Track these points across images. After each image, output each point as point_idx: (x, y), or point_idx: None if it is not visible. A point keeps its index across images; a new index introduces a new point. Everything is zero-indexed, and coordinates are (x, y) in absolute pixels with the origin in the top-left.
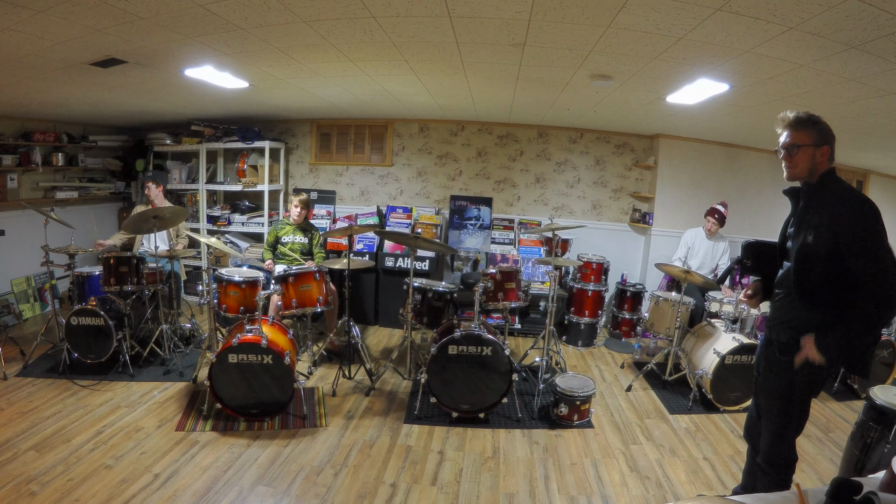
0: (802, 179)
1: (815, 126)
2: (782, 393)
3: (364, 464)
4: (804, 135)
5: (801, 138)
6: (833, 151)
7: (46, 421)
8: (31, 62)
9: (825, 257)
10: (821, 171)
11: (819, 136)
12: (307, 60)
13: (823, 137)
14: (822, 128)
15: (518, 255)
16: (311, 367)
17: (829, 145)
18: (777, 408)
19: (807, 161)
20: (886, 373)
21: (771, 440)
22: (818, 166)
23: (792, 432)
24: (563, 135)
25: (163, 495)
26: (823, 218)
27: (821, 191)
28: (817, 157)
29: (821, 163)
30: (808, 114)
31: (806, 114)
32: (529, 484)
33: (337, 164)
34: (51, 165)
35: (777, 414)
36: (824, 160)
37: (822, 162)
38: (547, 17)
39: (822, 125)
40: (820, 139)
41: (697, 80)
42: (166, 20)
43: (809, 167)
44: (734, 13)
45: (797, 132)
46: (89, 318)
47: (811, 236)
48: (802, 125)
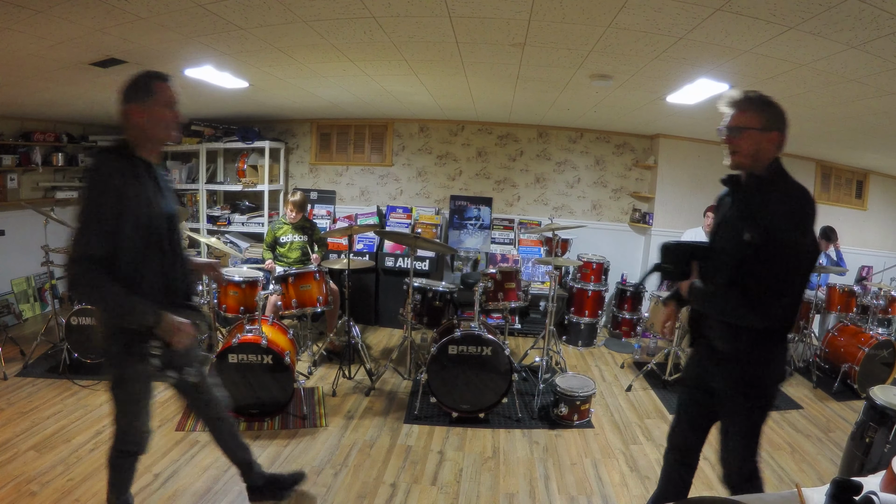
0: (746, 168)
1: (765, 108)
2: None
3: (364, 464)
4: (750, 116)
5: (747, 120)
6: (783, 140)
7: (46, 421)
8: (31, 62)
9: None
10: (766, 160)
11: (767, 120)
12: (307, 60)
13: (773, 122)
14: (773, 111)
15: (518, 255)
16: (311, 367)
17: (780, 132)
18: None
19: (751, 146)
20: (886, 373)
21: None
22: (763, 153)
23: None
24: (563, 135)
25: (163, 495)
26: (766, 217)
27: (768, 186)
28: (763, 143)
29: (767, 150)
30: (758, 93)
31: (756, 93)
32: (529, 484)
33: (337, 164)
34: (51, 165)
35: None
36: (771, 147)
37: (769, 149)
38: (547, 17)
39: (773, 108)
40: (768, 123)
41: (697, 80)
42: (166, 20)
43: (753, 153)
44: (734, 13)
45: (743, 113)
46: (89, 318)
47: (749, 234)
48: (749, 105)
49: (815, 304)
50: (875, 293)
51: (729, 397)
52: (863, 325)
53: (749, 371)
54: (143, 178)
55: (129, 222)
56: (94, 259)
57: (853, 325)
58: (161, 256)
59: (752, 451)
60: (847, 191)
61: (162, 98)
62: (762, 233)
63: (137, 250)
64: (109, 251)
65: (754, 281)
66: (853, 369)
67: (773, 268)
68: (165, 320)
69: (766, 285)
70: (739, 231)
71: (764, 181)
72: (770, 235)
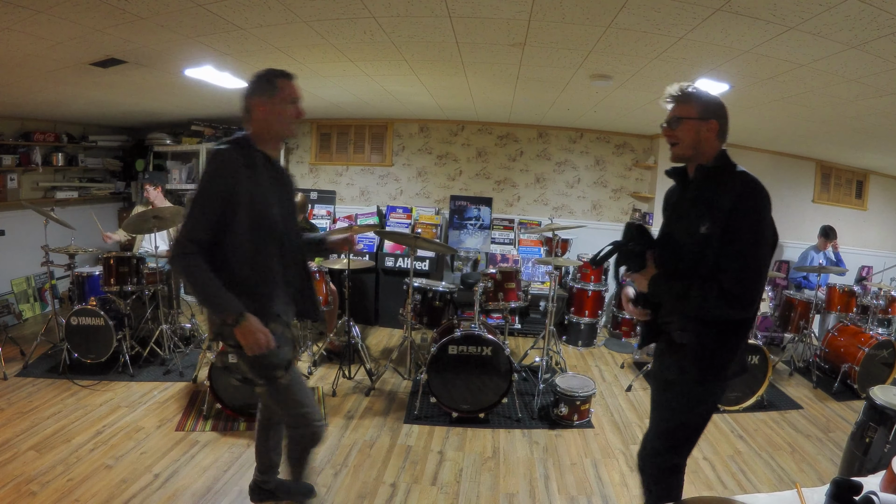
0: (689, 159)
1: (701, 98)
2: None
3: (364, 464)
4: (687, 107)
5: (684, 110)
6: (724, 129)
7: (46, 421)
8: (31, 62)
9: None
10: (709, 150)
11: (704, 109)
12: (307, 60)
13: (710, 110)
14: (710, 101)
15: (518, 255)
16: (311, 367)
17: (718, 120)
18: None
19: (690, 135)
20: (886, 373)
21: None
22: (704, 142)
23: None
24: (563, 135)
25: (163, 495)
26: (722, 207)
27: (718, 175)
28: (702, 132)
29: (707, 139)
30: (695, 86)
31: (693, 86)
32: (529, 484)
33: (337, 164)
34: (51, 165)
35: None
36: (712, 136)
37: (710, 138)
38: (547, 17)
39: (709, 98)
40: (705, 112)
41: (697, 80)
42: (166, 20)
43: (693, 143)
44: (734, 13)
45: (680, 105)
46: (89, 318)
47: (706, 226)
48: (686, 97)
49: (815, 304)
50: (875, 293)
51: (681, 384)
52: (863, 325)
53: (710, 362)
54: (262, 172)
55: (240, 213)
56: (195, 242)
57: (853, 325)
58: (274, 252)
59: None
60: (847, 191)
61: (285, 94)
62: (720, 224)
63: (248, 242)
64: (213, 238)
65: (726, 273)
66: (853, 369)
67: (742, 258)
68: (244, 323)
69: (739, 276)
70: (695, 224)
71: (712, 171)
72: (731, 226)
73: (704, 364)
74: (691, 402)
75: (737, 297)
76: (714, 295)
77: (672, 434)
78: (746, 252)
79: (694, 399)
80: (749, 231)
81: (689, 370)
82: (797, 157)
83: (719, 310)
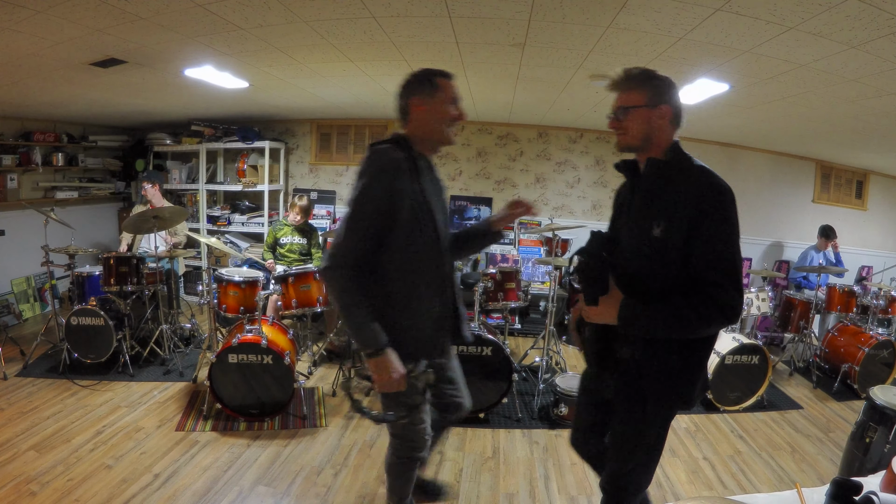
0: (639, 149)
1: (648, 82)
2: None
3: (364, 464)
4: (635, 94)
5: (631, 98)
6: (677, 115)
7: (46, 421)
8: (31, 62)
9: (676, 253)
10: (662, 139)
11: (653, 94)
12: (307, 60)
13: (660, 95)
14: (658, 83)
15: (518, 255)
16: (311, 367)
17: (669, 104)
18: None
19: (640, 125)
20: (886, 373)
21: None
22: (656, 132)
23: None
24: (563, 135)
25: (163, 495)
26: (678, 207)
27: (671, 170)
28: (654, 121)
29: (659, 127)
30: (641, 69)
31: (639, 69)
32: (529, 484)
33: (337, 164)
34: (51, 165)
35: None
36: (664, 124)
37: (662, 126)
38: (547, 17)
39: (657, 80)
40: (654, 97)
41: (697, 80)
42: (166, 20)
43: (643, 133)
44: (734, 13)
45: (626, 93)
46: (89, 318)
47: (660, 228)
48: (633, 83)
49: (815, 304)
50: (875, 293)
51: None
52: (863, 325)
53: (674, 383)
54: (422, 175)
55: (402, 223)
56: (350, 265)
57: (853, 325)
58: (434, 271)
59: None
60: (847, 191)
61: (445, 94)
62: (679, 229)
63: (409, 257)
64: (373, 248)
65: (719, 288)
66: (853, 369)
67: (731, 267)
68: (378, 358)
69: (732, 288)
70: (646, 225)
71: (665, 166)
72: (706, 234)
73: (669, 386)
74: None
75: (734, 309)
76: (714, 311)
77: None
78: (731, 259)
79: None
80: (727, 239)
81: (652, 393)
82: (797, 157)
83: (718, 326)
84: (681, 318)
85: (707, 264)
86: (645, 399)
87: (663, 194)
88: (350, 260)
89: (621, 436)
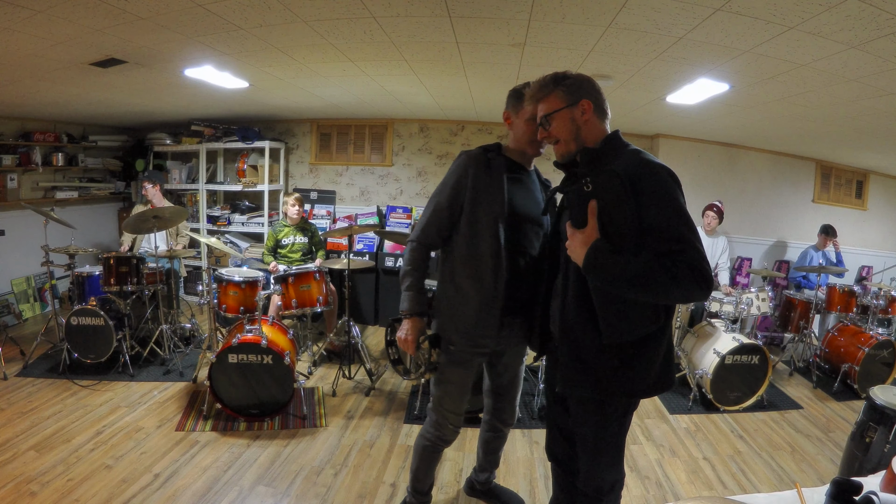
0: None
1: (561, 83)
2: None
3: (364, 464)
4: (552, 98)
5: (549, 104)
6: (600, 106)
7: (46, 421)
8: (31, 62)
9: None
10: (592, 133)
11: (569, 93)
12: (307, 60)
13: (575, 92)
14: (571, 82)
15: None
16: (311, 367)
17: (590, 98)
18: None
19: (566, 126)
20: (886, 373)
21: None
22: (583, 128)
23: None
24: None
25: (163, 495)
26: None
27: (606, 157)
28: (577, 118)
29: (586, 122)
30: (552, 74)
31: (550, 75)
32: (529, 484)
33: (337, 164)
34: (51, 165)
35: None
36: (589, 117)
37: (588, 121)
38: (547, 17)
39: (569, 79)
40: (571, 96)
41: (697, 80)
42: (166, 20)
43: (573, 134)
44: (734, 13)
45: (544, 100)
46: (89, 318)
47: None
48: (546, 89)
49: (815, 303)
50: (875, 293)
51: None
52: (863, 325)
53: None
54: (498, 176)
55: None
56: (417, 240)
57: (853, 325)
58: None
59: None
60: (847, 191)
61: (529, 111)
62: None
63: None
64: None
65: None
66: (853, 369)
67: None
68: (404, 321)
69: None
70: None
71: (598, 154)
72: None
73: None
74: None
75: (703, 272)
76: (684, 270)
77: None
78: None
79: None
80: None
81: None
82: (797, 157)
83: (689, 288)
84: (650, 273)
85: (662, 237)
86: (602, 401)
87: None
88: (418, 236)
89: (583, 438)
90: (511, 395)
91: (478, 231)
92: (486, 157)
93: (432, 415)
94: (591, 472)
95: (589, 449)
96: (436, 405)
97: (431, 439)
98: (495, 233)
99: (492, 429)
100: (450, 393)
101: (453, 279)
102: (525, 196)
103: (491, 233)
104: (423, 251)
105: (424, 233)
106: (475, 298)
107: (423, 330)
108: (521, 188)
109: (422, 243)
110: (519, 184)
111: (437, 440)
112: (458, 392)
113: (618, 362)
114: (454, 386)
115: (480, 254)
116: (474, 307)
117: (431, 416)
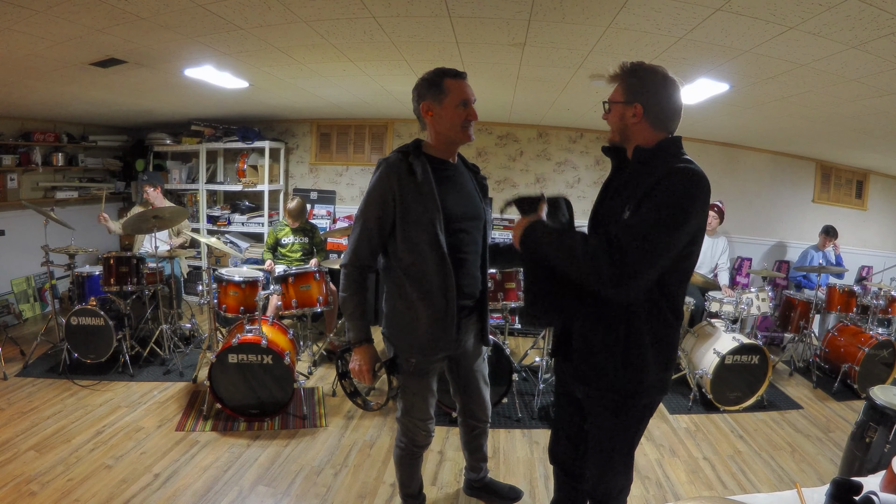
0: (620, 144)
1: (629, 77)
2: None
3: (364, 464)
4: (618, 89)
5: (614, 93)
6: (655, 113)
7: (46, 421)
8: (31, 62)
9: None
10: (638, 137)
11: (629, 91)
12: (307, 60)
13: (634, 92)
14: (636, 80)
15: None
16: (311, 367)
17: (644, 104)
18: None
19: (616, 121)
20: (886, 373)
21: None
22: (630, 128)
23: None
24: (563, 135)
25: (163, 495)
26: (645, 189)
27: (654, 159)
28: (627, 118)
29: (633, 125)
30: (636, 63)
31: (633, 63)
32: (529, 484)
33: (337, 164)
34: (51, 165)
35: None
36: (637, 121)
37: (636, 125)
38: (547, 17)
39: (637, 76)
40: (630, 95)
41: (697, 80)
42: (166, 20)
43: (619, 128)
44: (734, 13)
45: (616, 88)
46: (89, 318)
47: (629, 212)
48: (619, 77)
49: (815, 304)
50: (875, 293)
51: (595, 407)
52: (863, 325)
53: (619, 377)
54: (425, 180)
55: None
56: (351, 263)
57: (853, 325)
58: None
59: (623, 467)
60: (847, 191)
61: (454, 96)
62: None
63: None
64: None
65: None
66: (853, 369)
67: (641, 223)
68: (355, 350)
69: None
70: (619, 208)
71: (649, 155)
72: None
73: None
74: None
75: (620, 276)
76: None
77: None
78: (649, 238)
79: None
80: (657, 221)
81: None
82: (797, 157)
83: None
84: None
85: (622, 230)
86: (619, 406)
87: (639, 181)
88: (350, 259)
89: (597, 442)
90: (477, 390)
91: (416, 245)
92: (407, 162)
93: (402, 424)
94: (601, 477)
95: (602, 454)
96: (404, 415)
97: (406, 447)
98: (436, 243)
99: (469, 427)
100: (416, 403)
101: (402, 294)
102: (458, 192)
103: (431, 245)
104: (358, 274)
105: (356, 255)
106: (429, 315)
107: (376, 356)
108: (452, 185)
109: (355, 266)
110: (448, 181)
111: (412, 446)
112: (422, 400)
113: (630, 361)
114: (418, 396)
115: (426, 271)
116: (429, 323)
117: (401, 425)
